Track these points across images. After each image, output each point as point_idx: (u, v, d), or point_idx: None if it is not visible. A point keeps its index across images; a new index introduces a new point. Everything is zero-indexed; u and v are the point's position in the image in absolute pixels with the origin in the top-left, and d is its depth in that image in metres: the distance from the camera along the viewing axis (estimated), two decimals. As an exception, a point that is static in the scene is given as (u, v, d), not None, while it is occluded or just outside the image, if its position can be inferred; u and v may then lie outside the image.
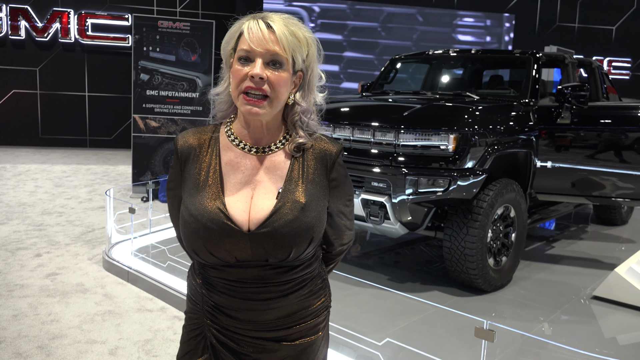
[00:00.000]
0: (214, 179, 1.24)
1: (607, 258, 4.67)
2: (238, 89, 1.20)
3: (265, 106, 1.19)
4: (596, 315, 3.62)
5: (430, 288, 3.94)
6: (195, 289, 1.32)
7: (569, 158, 4.34)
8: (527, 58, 4.68)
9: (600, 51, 11.76)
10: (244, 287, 1.23)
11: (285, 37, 1.18)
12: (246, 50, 1.19)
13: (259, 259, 1.21)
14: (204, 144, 1.28)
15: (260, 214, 1.20)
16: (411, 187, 3.57)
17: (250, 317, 1.25)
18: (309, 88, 1.27)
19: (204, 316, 1.30)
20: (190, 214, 1.21)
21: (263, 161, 1.26)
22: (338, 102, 4.59)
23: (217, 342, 1.28)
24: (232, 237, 1.18)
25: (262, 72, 1.17)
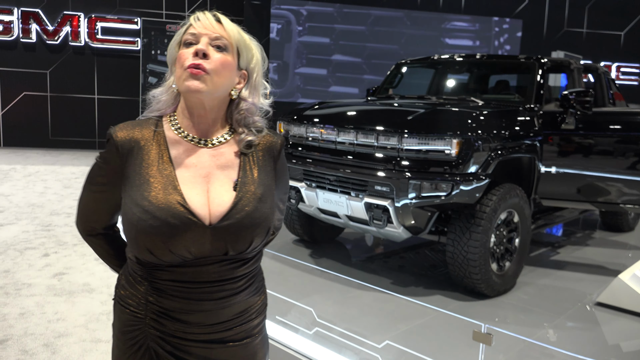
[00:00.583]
0: (167, 174, 1.20)
1: (613, 264, 4.66)
2: (183, 69, 1.20)
3: (207, 81, 1.19)
4: (599, 321, 3.61)
5: (433, 292, 3.95)
6: (136, 298, 1.24)
7: (573, 163, 4.34)
8: (531, 63, 4.68)
9: (609, 57, 11.71)
10: (200, 287, 1.21)
11: (231, 29, 1.25)
12: (192, 34, 1.22)
13: (217, 254, 1.20)
14: (148, 138, 1.24)
15: (221, 207, 1.19)
16: (414, 191, 3.59)
17: (200, 319, 1.23)
18: (255, 90, 1.31)
19: (146, 326, 1.24)
20: (144, 211, 1.16)
21: (214, 154, 1.26)
22: (343, 106, 4.62)
23: (162, 351, 1.24)
24: (193, 232, 1.16)
25: (206, 48, 1.20)
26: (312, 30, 10.35)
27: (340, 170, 3.92)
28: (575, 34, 11.60)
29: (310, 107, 4.56)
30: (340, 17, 10.40)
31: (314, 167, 4.10)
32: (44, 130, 10.90)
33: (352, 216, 3.99)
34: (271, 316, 3.30)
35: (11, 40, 10.40)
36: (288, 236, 5.20)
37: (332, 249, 4.94)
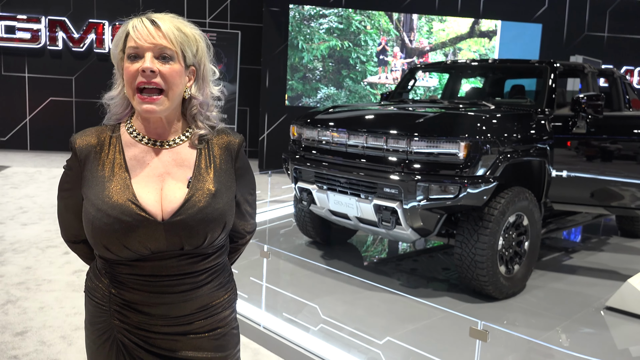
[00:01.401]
0: (120, 173, 1.24)
1: (625, 270, 4.62)
2: (131, 87, 1.22)
3: (163, 101, 1.22)
4: (608, 325, 3.60)
5: (442, 294, 3.98)
6: (101, 290, 1.29)
7: (584, 167, 4.33)
8: (544, 67, 4.69)
9: (631, 61, 11.54)
10: (159, 280, 1.24)
11: (171, 31, 1.22)
12: (134, 47, 1.21)
13: (174, 249, 1.23)
14: (105, 142, 1.29)
15: (173, 204, 1.23)
16: (422, 193, 3.63)
17: (163, 311, 1.26)
18: (204, 82, 1.31)
19: (111, 317, 1.28)
20: (98, 209, 1.20)
21: (169, 154, 1.29)
22: (355, 110, 4.69)
23: (129, 342, 1.28)
24: (146, 228, 1.20)
25: (152, 65, 1.20)
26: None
27: (350, 172, 3.99)
28: (596, 38, 11.46)
29: (323, 111, 4.64)
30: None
31: (326, 170, 4.18)
32: (69, 135, 11.03)
33: (362, 218, 4.05)
34: (279, 314, 3.39)
35: (39, 48, 10.74)
36: (301, 238, 5.28)
37: (344, 251, 5.01)
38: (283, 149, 5.20)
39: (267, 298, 3.35)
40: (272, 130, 10.16)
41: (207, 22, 11.18)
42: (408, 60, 10.69)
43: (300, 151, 4.52)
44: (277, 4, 9.95)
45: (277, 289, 3.62)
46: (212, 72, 1.35)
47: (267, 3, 9.92)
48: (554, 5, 11.13)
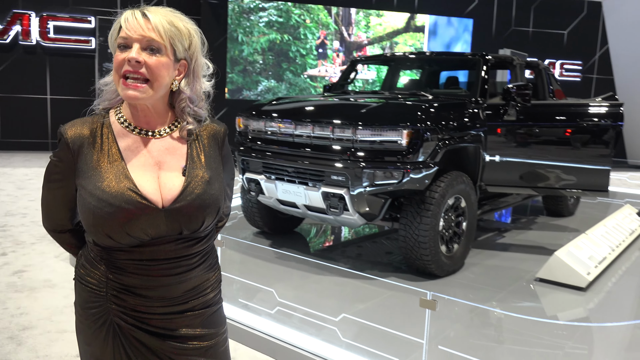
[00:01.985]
0: (117, 164, 1.28)
1: (552, 245, 5.01)
2: (118, 74, 1.27)
3: (147, 89, 1.26)
4: (538, 295, 3.92)
5: (388, 275, 4.18)
6: (97, 277, 1.33)
7: (515, 152, 4.66)
8: (476, 60, 4.99)
9: (553, 54, 12.33)
10: (158, 264, 1.30)
11: (161, 24, 1.26)
12: (123, 37, 1.26)
13: (173, 234, 1.30)
14: (96, 133, 1.31)
15: (172, 192, 1.29)
16: (368, 179, 3.80)
17: (161, 293, 1.32)
18: (195, 77, 1.35)
19: (107, 301, 1.32)
20: (99, 199, 1.24)
21: (161, 143, 1.34)
22: (300, 101, 4.80)
23: (125, 324, 1.33)
24: (148, 215, 1.25)
25: (138, 55, 1.24)
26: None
27: (298, 162, 4.09)
28: (522, 33, 12.15)
29: (268, 103, 4.72)
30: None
31: (273, 160, 4.26)
32: (-5, 132, 10.61)
33: (310, 205, 4.17)
34: (234, 300, 3.46)
35: (-42, 40, 10.10)
36: (249, 228, 5.34)
37: (291, 240, 5.12)
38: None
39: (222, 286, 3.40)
40: (213, 124, 10.09)
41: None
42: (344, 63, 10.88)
43: (247, 142, 4.58)
44: (215, -4, 9.87)
45: (232, 276, 3.68)
46: (206, 67, 1.39)
47: (204, -5, 9.83)
48: (483, 1, 11.69)
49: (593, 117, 4.69)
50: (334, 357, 2.77)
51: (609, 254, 4.47)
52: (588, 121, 4.68)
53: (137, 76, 1.26)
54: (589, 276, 3.96)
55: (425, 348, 2.58)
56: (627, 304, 3.94)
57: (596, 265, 4.15)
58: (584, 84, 12.48)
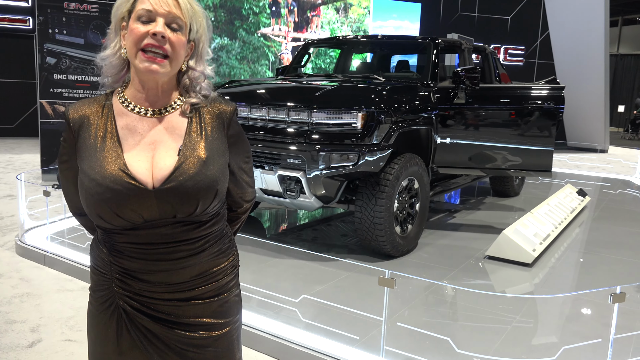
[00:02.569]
0: (111, 143, 1.26)
1: (500, 224, 5.22)
2: (136, 46, 1.23)
3: (166, 65, 1.24)
4: (488, 272, 4.09)
5: (344, 257, 4.24)
6: (102, 259, 1.32)
7: (465, 134, 4.80)
8: (427, 44, 5.08)
9: (498, 39, 12.70)
10: (155, 248, 1.26)
11: (185, 4, 1.26)
12: (148, 10, 1.22)
13: (167, 216, 1.25)
14: (97, 112, 1.30)
15: (163, 171, 1.24)
16: (324, 162, 3.83)
17: (162, 278, 1.29)
18: (201, 58, 1.34)
19: (113, 285, 1.30)
20: (90, 179, 1.22)
21: (160, 122, 1.30)
22: (254, 84, 4.75)
23: (131, 309, 1.30)
24: (137, 196, 1.21)
25: (164, 31, 1.22)
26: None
27: (253, 145, 4.07)
28: (468, 18, 12.43)
29: (221, 87, 4.65)
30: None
31: (228, 144, 4.21)
32: None
33: (267, 189, 4.16)
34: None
35: None
36: (203, 214, 5.27)
37: (247, 224, 5.10)
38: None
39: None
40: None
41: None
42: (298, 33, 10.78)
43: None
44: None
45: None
46: (207, 51, 1.36)
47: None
48: (430, -15, 11.87)
49: (537, 100, 4.89)
50: (295, 338, 2.80)
51: (552, 231, 4.70)
52: (532, 104, 4.87)
53: (159, 51, 1.23)
54: (534, 252, 4.16)
55: (384, 325, 2.65)
56: (568, 277, 4.17)
57: (541, 242, 4.37)
58: (526, 69, 12.94)
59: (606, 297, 2.44)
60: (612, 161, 10.78)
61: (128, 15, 1.26)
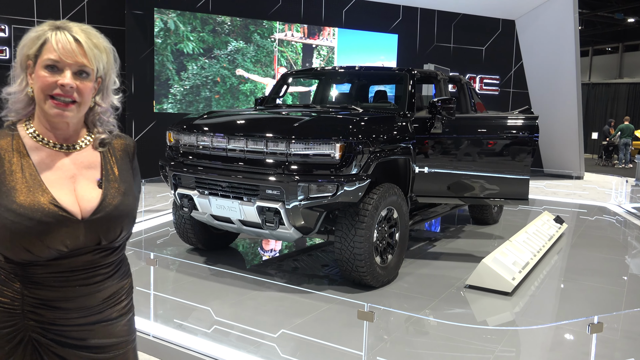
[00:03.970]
0: (33, 178, 1.30)
1: (479, 252, 5.24)
2: (44, 93, 1.30)
3: (74, 110, 1.32)
4: (469, 301, 4.08)
5: (324, 288, 4.20)
6: (10, 295, 1.31)
7: (442, 164, 4.85)
8: (404, 75, 5.16)
9: (473, 69, 12.98)
10: (76, 274, 1.33)
11: (91, 50, 1.32)
12: (55, 60, 1.29)
13: (91, 244, 1.34)
14: (7, 148, 1.32)
15: (90, 203, 1.33)
16: (303, 193, 3.81)
17: (80, 303, 1.35)
18: (107, 91, 1.42)
19: (24, 319, 1.32)
20: (17, 214, 1.25)
21: (75, 157, 1.38)
22: (232, 114, 4.76)
23: (44, 340, 1.33)
24: (68, 227, 1.29)
25: (72, 82, 1.30)
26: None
27: (232, 176, 4.04)
28: (444, 48, 12.71)
29: (200, 117, 4.64)
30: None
31: (206, 175, 4.18)
32: None
33: (245, 220, 4.12)
34: (168, 320, 3.34)
35: None
36: (182, 245, 5.20)
37: (226, 256, 5.03)
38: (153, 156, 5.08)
39: (155, 306, 3.29)
40: (141, 138, 9.78)
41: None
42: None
43: (178, 157, 4.47)
44: (141, 7, 9.61)
45: (166, 296, 3.56)
46: (114, 82, 1.43)
47: (129, 6, 9.54)
48: (407, 17, 12.14)
49: (512, 130, 4.97)
50: (274, 375, 2.74)
51: (531, 259, 4.73)
52: (508, 133, 4.96)
53: (68, 99, 1.31)
54: (514, 281, 4.17)
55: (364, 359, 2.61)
56: (548, 306, 4.18)
57: (520, 270, 4.38)
58: (501, 98, 13.21)
59: (585, 327, 2.44)
60: (588, 187, 10.98)
61: (34, 58, 1.32)
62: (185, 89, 10.04)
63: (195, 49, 10.02)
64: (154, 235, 5.76)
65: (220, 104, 10.38)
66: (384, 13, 11.79)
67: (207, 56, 10.12)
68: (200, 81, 10.15)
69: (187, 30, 9.95)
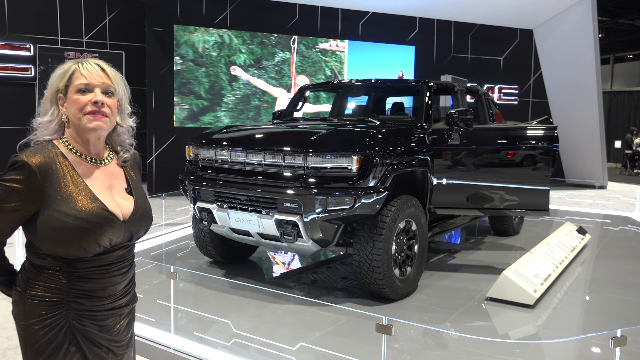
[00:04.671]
0: (84, 188, 1.57)
1: (500, 264, 5.18)
2: (81, 112, 1.57)
3: (107, 121, 1.60)
4: (490, 314, 4.03)
5: (343, 301, 4.19)
6: (56, 289, 1.55)
7: (461, 175, 4.82)
8: (420, 86, 5.16)
9: (491, 79, 12.91)
10: (113, 267, 1.63)
11: (113, 74, 1.63)
12: (85, 83, 1.57)
13: (125, 241, 1.64)
14: (55, 161, 1.56)
15: (128, 208, 1.65)
16: (321, 206, 3.83)
17: (111, 291, 1.63)
18: (124, 114, 1.69)
19: (68, 309, 1.57)
20: (77, 218, 1.52)
21: (107, 170, 1.67)
22: (250, 129, 4.81)
23: (79, 324, 1.59)
24: (114, 227, 1.58)
25: (102, 98, 1.58)
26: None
27: (250, 189, 4.08)
28: (461, 59, 12.67)
29: (218, 131, 4.70)
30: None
31: (225, 189, 4.23)
32: None
33: (264, 233, 4.15)
34: (188, 333, 3.37)
35: None
36: (202, 258, 5.24)
37: (246, 269, 5.06)
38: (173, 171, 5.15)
39: (175, 319, 3.32)
40: (161, 152, 9.92)
41: (84, 41, 10.68)
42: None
43: (197, 171, 4.53)
44: (161, 24, 9.80)
45: (186, 309, 3.59)
46: (127, 107, 1.71)
47: (150, 23, 9.73)
48: (424, 29, 12.16)
49: (531, 140, 4.93)
50: (293, 388, 2.74)
51: (553, 271, 4.66)
52: (527, 144, 4.92)
53: (100, 113, 1.58)
54: (535, 294, 4.11)
55: (383, 373, 2.60)
56: (573, 319, 4.10)
57: (542, 282, 4.32)
58: (521, 107, 13.09)
59: (608, 340, 2.40)
60: (612, 197, 10.78)
61: (65, 89, 1.58)
62: (236, 98, 10.48)
63: (246, 60, 10.38)
64: (174, 249, 5.82)
65: (269, 112, 10.73)
66: (400, 25, 11.83)
67: (256, 67, 10.50)
68: (250, 90, 10.58)
69: (239, 43, 10.34)
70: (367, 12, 11.49)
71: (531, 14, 12.04)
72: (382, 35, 11.68)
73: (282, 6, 10.64)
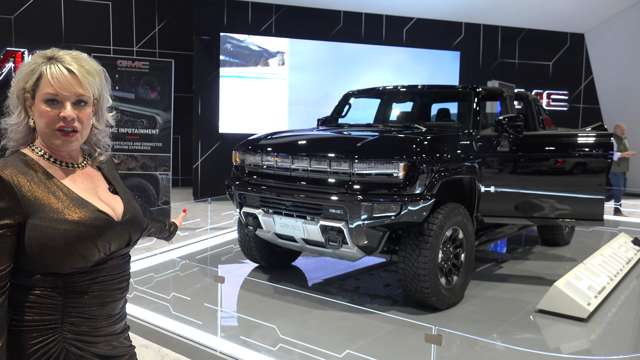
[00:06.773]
0: (67, 192, 1.39)
1: (550, 275, 5.01)
2: (50, 127, 1.38)
3: (78, 138, 1.42)
4: (540, 326, 3.90)
5: (388, 309, 4.15)
6: (51, 311, 1.36)
7: (509, 183, 4.70)
8: (468, 92, 5.08)
9: (540, 85, 12.56)
10: (111, 279, 1.46)
11: (85, 77, 1.39)
12: (53, 94, 1.36)
13: (123, 245, 1.48)
14: (26, 171, 1.36)
15: (119, 207, 1.50)
16: (366, 212, 3.81)
17: (110, 310, 1.46)
18: (102, 111, 1.51)
19: (62, 332, 1.38)
20: (70, 223, 1.34)
21: (83, 173, 1.50)
22: (296, 135, 4.84)
23: (76, 350, 1.40)
24: (112, 229, 1.43)
25: (72, 113, 1.38)
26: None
27: (295, 195, 4.10)
28: (508, 64, 12.40)
29: (264, 137, 4.75)
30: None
31: (270, 194, 4.27)
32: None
33: (309, 239, 4.16)
34: (234, 337, 3.41)
35: (-50, 77, 10.11)
36: (246, 263, 5.30)
37: (289, 274, 5.08)
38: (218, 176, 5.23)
39: (221, 323, 3.36)
40: (206, 158, 10.11)
41: (135, 50, 11.04)
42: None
43: (243, 177, 4.59)
44: (208, 32, 10.02)
45: (234, 313, 3.63)
46: (107, 100, 1.51)
47: (197, 32, 9.97)
48: (469, 34, 11.97)
49: (584, 147, 4.76)
50: (338, 395, 2.72)
51: (607, 284, 4.48)
52: (579, 151, 4.75)
53: (70, 129, 1.39)
54: (589, 307, 3.96)
55: (431, 384, 2.55)
56: (628, 334, 3.92)
57: (596, 295, 4.15)
58: (570, 114, 12.68)
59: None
60: (668, 207, 10.28)
61: (32, 92, 1.38)
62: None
63: None
64: (218, 253, 5.91)
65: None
66: (445, 30, 11.69)
67: None
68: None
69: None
70: (412, 18, 11.41)
71: (582, 17, 11.68)
72: (427, 41, 11.57)
73: (326, 13, 10.70)
